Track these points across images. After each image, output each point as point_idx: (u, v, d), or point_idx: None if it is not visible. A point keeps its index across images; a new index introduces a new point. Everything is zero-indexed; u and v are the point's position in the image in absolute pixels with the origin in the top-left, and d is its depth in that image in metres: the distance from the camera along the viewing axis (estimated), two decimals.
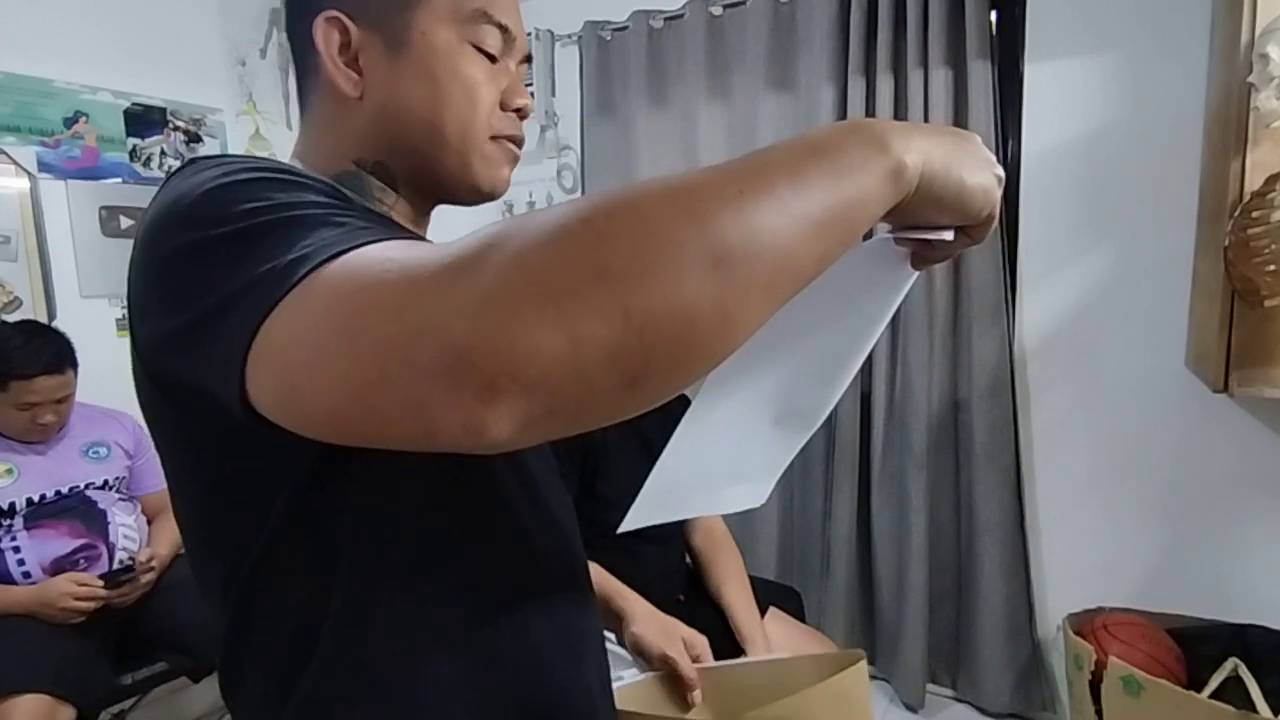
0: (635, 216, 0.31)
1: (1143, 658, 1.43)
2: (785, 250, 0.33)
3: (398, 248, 0.36)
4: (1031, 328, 1.85)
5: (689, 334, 0.32)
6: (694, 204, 0.32)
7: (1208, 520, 1.69)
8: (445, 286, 0.32)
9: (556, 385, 0.31)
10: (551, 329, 0.30)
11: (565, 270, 0.30)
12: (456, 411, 0.31)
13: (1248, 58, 1.25)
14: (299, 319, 0.35)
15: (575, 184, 2.44)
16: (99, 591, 1.56)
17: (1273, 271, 1.22)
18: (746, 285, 0.32)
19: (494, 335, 0.30)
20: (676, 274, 0.31)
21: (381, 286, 0.33)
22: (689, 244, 0.31)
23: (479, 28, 0.56)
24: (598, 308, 0.30)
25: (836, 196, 0.35)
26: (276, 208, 0.40)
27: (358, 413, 0.34)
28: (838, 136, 0.37)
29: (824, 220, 0.35)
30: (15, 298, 1.89)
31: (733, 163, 0.35)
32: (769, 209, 0.33)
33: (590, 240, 0.31)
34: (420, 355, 0.31)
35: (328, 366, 0.34)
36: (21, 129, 1.90)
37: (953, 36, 1.78)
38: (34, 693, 1.38)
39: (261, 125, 2.40)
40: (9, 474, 1.59)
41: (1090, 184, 1.75)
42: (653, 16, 2.16)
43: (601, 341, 0.30)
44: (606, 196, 0.32)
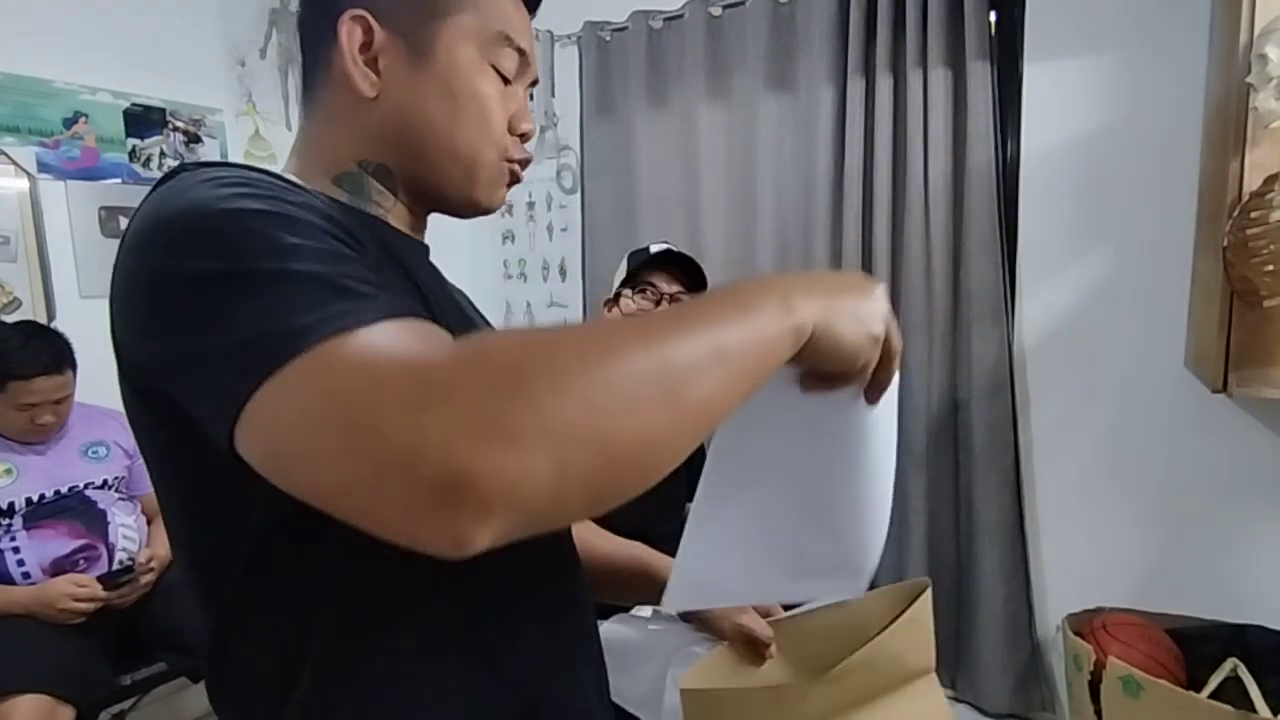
0: (620, 366, 0.36)
1: (1142, 658, 1.43)
2: (717, 388, 0.40)
3: (399, 336, 0.38)
4: (1031, 328, 1.85)
5: (650, 458, 0.38)
6: (659, 352, 0.38)
7: (1207, 520, 1.69)
8: (451, 403, 0.33)
9: (539, 506, 0.34)
10: (545, 459, 0.33)
11: (563, 406, 0.34)
12: (448, 526, 0.33)
13: (1246, 58, 1.25)
14: (296, 398, 0.36)
15: (575, 184, 2.44)
16: (99, 592, 1.56)
17: (1271, 272, 1.22)
18: (691, 414, 0.38)
19: (496, 462, 0.33)
20: (648, 415, 0.36)
21: (384, 389, 0.35)
22: (654, 387, 0.37)
23: (500, 49, 0.58)
24: (586, 442, 0.34)
25: (755, 354, 0.42)
26: (280, 253, 0.40)
27: (344, 503, 0.36)
28: (757, 297, 0.44)
29: (742, 368, 0.41)
30: (15, 298, 1.89)
31: (669, 314, 0.42)
32: (705, 359, 0.39)
33: (584, 380, 0.35)
34: (422, 470, 0.33)
35: (322, 458, 0.36)
36: (21, 129, 1.90)
37: (952, 37, 1.78)
38: (34, 693, 1.38)
39: (261, 126, 2.40)
40: (8, 474, 1.59)
41: (1089, 184, 1.75)
42: (652, 17, 2.16)
43: (582, 470, 0.35)
44: (594, 341, 0.37)
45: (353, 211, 0.57)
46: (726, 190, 2.15)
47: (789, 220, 2.06)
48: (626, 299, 1.49)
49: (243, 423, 0.37)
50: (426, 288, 0.57)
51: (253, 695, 0.52)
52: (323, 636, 0.50)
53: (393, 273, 0.52)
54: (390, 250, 0.55)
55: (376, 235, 0.53)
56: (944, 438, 1.91)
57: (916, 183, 1.85)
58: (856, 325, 0.48)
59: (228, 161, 0.52)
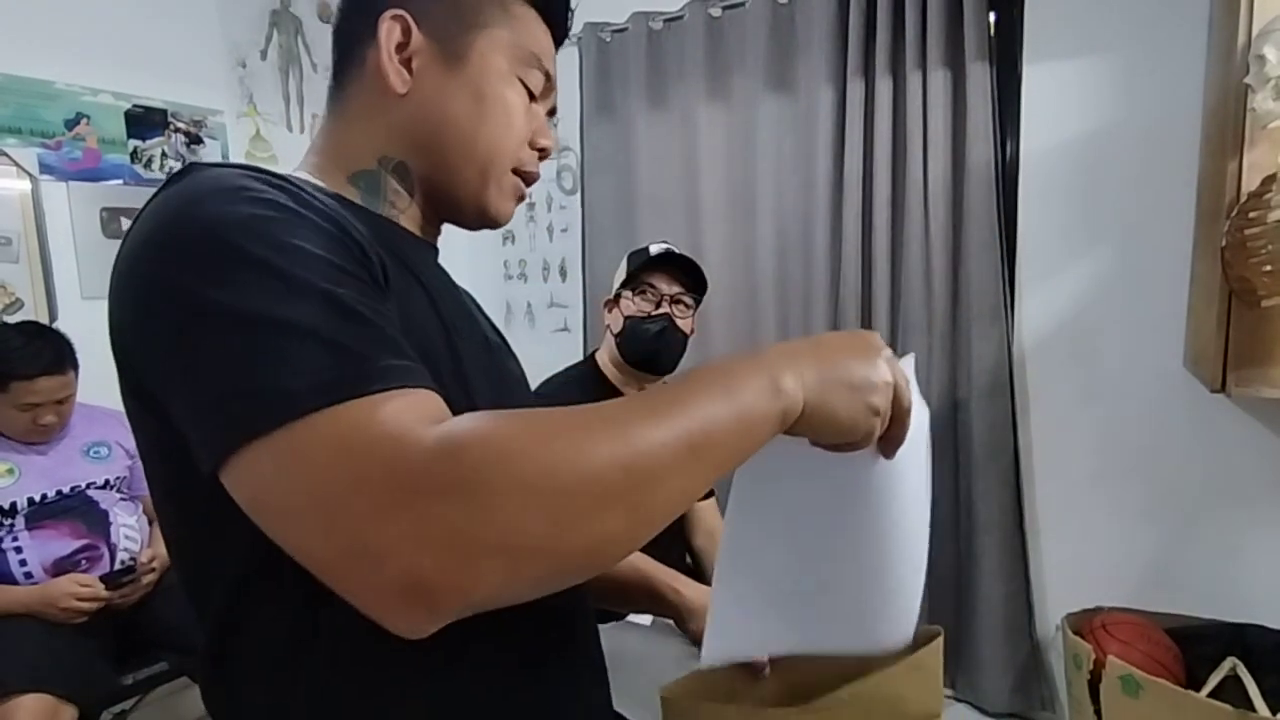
0: (586, 475, 0.37)
1: (1141, 657, 1.43)
2: (686, 485, 0.41)
3: (385, 417, 0.39)
4: (1030, 328, 1.85)
5: (603, 556, 0.40)
6: (630, 455, 0.38)
7: (1206, 520, 1.69)
8: (419, 511, 0.36)
9: (488, 602, 0.38)
10: (500, 569, 0.36)
11: (524, 521, 0.36)
12: (406, 617, 0.37)
13: (1244, 59, 1.26)
14: (278, 467, 0.38)
15: (575, 185, 2.44)
16: (101, 592, 1.57)
17: (1270, 272, 1.22)
18: (653, 515, 0.40)
19: (453, 574, 0.36)
20: (605, 525, 0.38)
21: (362, 486, 0.37)
22: (624, 500, 0.38)
23: (529, 68, 0.61)
24: (540, 552, 0.37)
25: (735, 441, 0.42)
26: (282, 294, 0.40)
27: (316, 569, 0.39)
28: (743, 377, 0.43)
29: (719, 457, 0.42)
30: (16, 299, 1.89)
31: (649, 404, 0.41)
32: (679, 456, 0.40)
33: (549, 494, 0.37)
34: (387, 571, 0.36)
35: (299, 532, 0.39)
36: (23, 131, 1.90)
37: (951, 38, 1.78)
38: (36, 692, 1.38)
39: (262, 127, 2.41)
40: (10, 474, 1.60)
41: (1089, 185, 1.75)
42: (652, 18, 2.17)
43: (534, 576, 0.38)
44: (566, 445, 0.38)
45: (364, 213, 0.57)
46: (726, 191, 2.16)
47: (788, 221, 2.06)
48: (627, 300, 1.49)
49: (228, 470, 0.40)
50: (435, 292, 0.57)
51: (250, 701, 0.52)
52: (319, 645, 0.49)
53: (400, 279, 0.52)
54: (399, 254, 0.55)
55: (386, 239, 0.54)
56: (944, 438, 1.91)
57: (916, 183, 1.86)
58: (852, 398, 0.47)
59: (240, 164, 0.51)
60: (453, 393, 0.50)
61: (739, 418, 0.42)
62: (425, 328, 0.53)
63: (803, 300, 2.05)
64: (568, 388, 1.50)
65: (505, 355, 0.68)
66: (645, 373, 1.53)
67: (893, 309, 1.95)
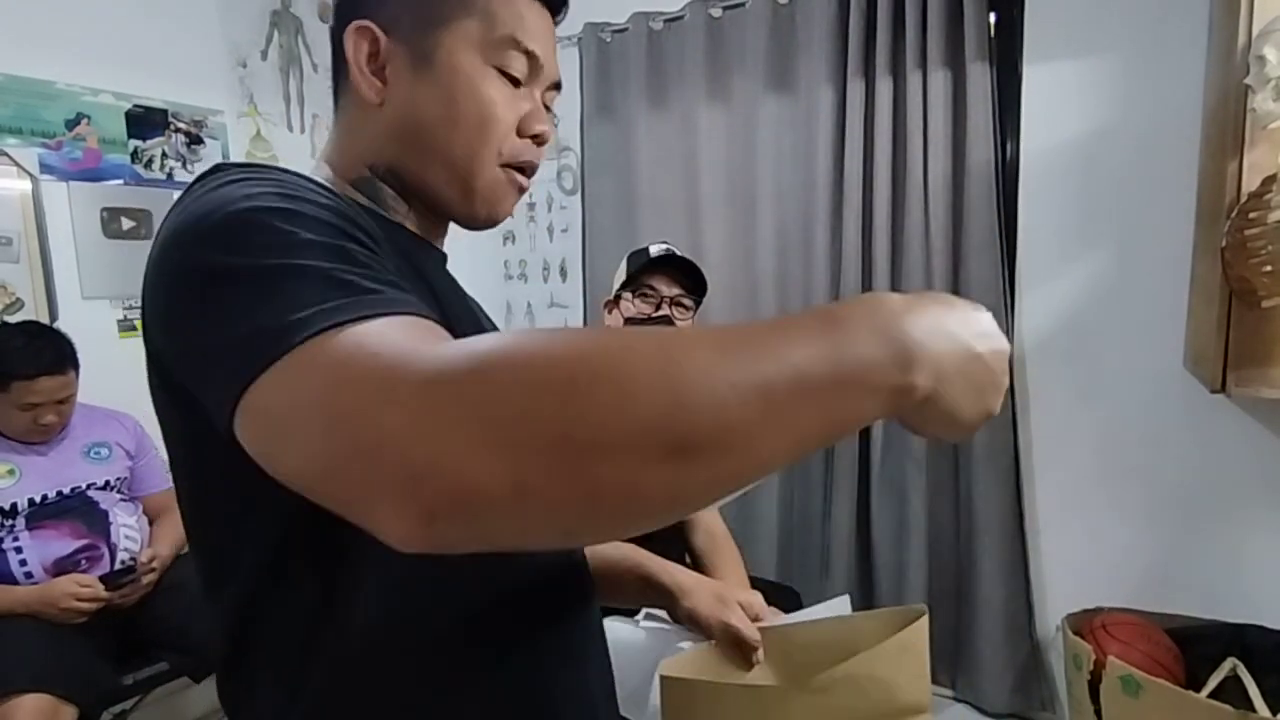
0: (617, 387, 0.31)
1: (1141, 657, 1.43)
2: (759, 459, 0.33)
3: (392, 332, 0.37)
4: (1030, 328, 1.85)
5: (634, 509, 0.32)
6: (679, 388, 0.31)
7: (1206, 520, 1.69)
8: (417, 404, 0.33)
9: (491, 522, 0.32)
10: (501, 475, 0.30)
11: (532, 423, 0.31)
12: (399, 520, 0.32)
13: (1245, 60, 1.26)
14: (284, 389, 0.37)
15: (575, 185, 2.44)
16: (101, 592, 1.57)
17: (1270, 272, 1.22)
18: (708, 476, 0.32)
19: (448, 466, 0.31)
20: (639, 460, 0.31)
21: (365, 383, 0.35)
22: (658, 431, 0.31)
23: (506, 53, 0.57)
24: (551, 466, 0.31)
25: (815, 402, 0.34)
26: (288, 248, 0.41)
27: (318, 488, 0.37)
28: (854, 330, 0.35)
29: (805, 437, 0.34)
30: (17, 299, 1.89)
31: (740, 363, 0.33)
32: (757, 424, 0.32)
33: (566, 399, 0.31)
34: (385, 461, 0.32)
35: (303, 444, 0.36)
36: (23, 131, 1.90)
37: (951, 38, 1.78)
38: (36, 692, 1.38)
39: (262, 127, 2.41)
40: (11, 474, 1.60)
41: (1089, 185, 1.75)
42: (652, 18, 2.17)
43: (546, 496, 0.31)
44: (599, 349, 0.33)
45: (373, 216, 0.57)
46: (726, 191, 2.16)
47: (789, 221, 2.06)
48: (627, 302, 1.49)
49: (240, 411, 0.39)
50: (443, 296, 0.58)
51: (266, 691, 0.52)
52: (337, 634, 0.50)
53: (409, 279, 0.53)
54: (407, 256, 0.55)
55: (395, 241, 0.54)
56: None
57: (916, 183, 1.86)
58: (979, 399, 0.40)
59: (265, 164, 0.53)
60: None
61: (841, 378, 0.34)
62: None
63: (803, 300, 2.05)
64: None
65: None
66: None
67: None
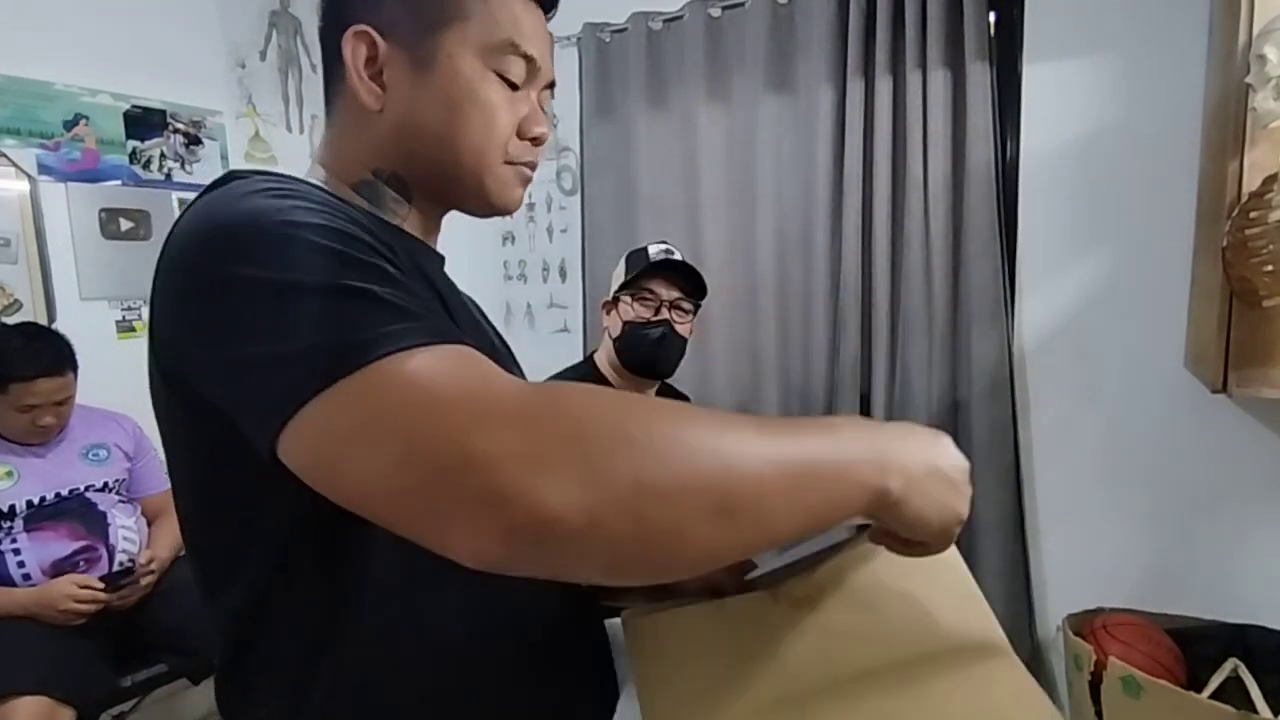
0: (684, 447, 0.37)
1: (1142, 658, 1.43)
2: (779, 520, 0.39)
3: (455, 361, 0.39)
4: (1031, 329, 1.85)
5: (684, 553, 0.38)
6: (729, 458, 0.38)
7: (1207, 520, 1.69)
8: (509, 431, 0.36)
9: (562, 549, 0.36)
10: (581, 506, 0.35)
11: (612, 464, 0.36)
12: (476, 537, 0.35)
13: (1245, 59, 1.25)
14: (353, 410, 0.37)
15: (575, 185, 2.44)
16: (100, 594, 1.56)
17: (1270, 272, 1.22)
18: (739, 536, 0.38)
19: (536, 492, 0.34)
20: (690, 512, 0.36)
21: (446, 407, 0.36)
22: (709, 490, 0.37)
23: (505, 57, 0.58)
24: (624, 510, 0.35)
25: (832, 491, 0.41)
26: (337, 267, 0.41)
27: (388, 509, 0.38)
28: (847, 435, 0.43)
29: (809, 517, 0.40)
30: (15, 300, 1.89)
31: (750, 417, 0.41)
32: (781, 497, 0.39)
33: (644, 451, 0.36)
34: (470, 482, 0.35)
35: (374, 465, 0.37)
36: (21, 131, 1.90)
37: (951, 38, 1.78)
38: (34, 694, 1.38)
39: (261, 127, 2.40)
40: (9, 476, 1.59)
41: (1089, 185, 1.75)
42: (652, 18, 2.17)
43: (613, 534, 0.36)
44: (664, 413, 0.38)
45: (376, 220, 0.58)
46: (726, 191, 2.15)
47: (788, 221, 2.06)
48: (626, 305, 1.49)
49: (291, 429, 0.39)
50: (450, 302, 0.58)
51: (267, 696, 0.52)
52: (341, 639, 0.50)
53: (420, 285, 0.53)
54: (412, 259, 0.56)
55: (400, 245, 0.54)
56: None
57: (916, 183, 1.85)
58: (944, 511, 0.47)
59: (274, 172, 0.53)
60: None
61: (841, 470, 0.41)
62: None
63: (803, 300, 2.05)
64: None
65: (510, 363, 0.69)
66: (644, 377, 1.52)
67: (893, 309, 1.94)
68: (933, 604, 0.56)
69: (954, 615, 0.56)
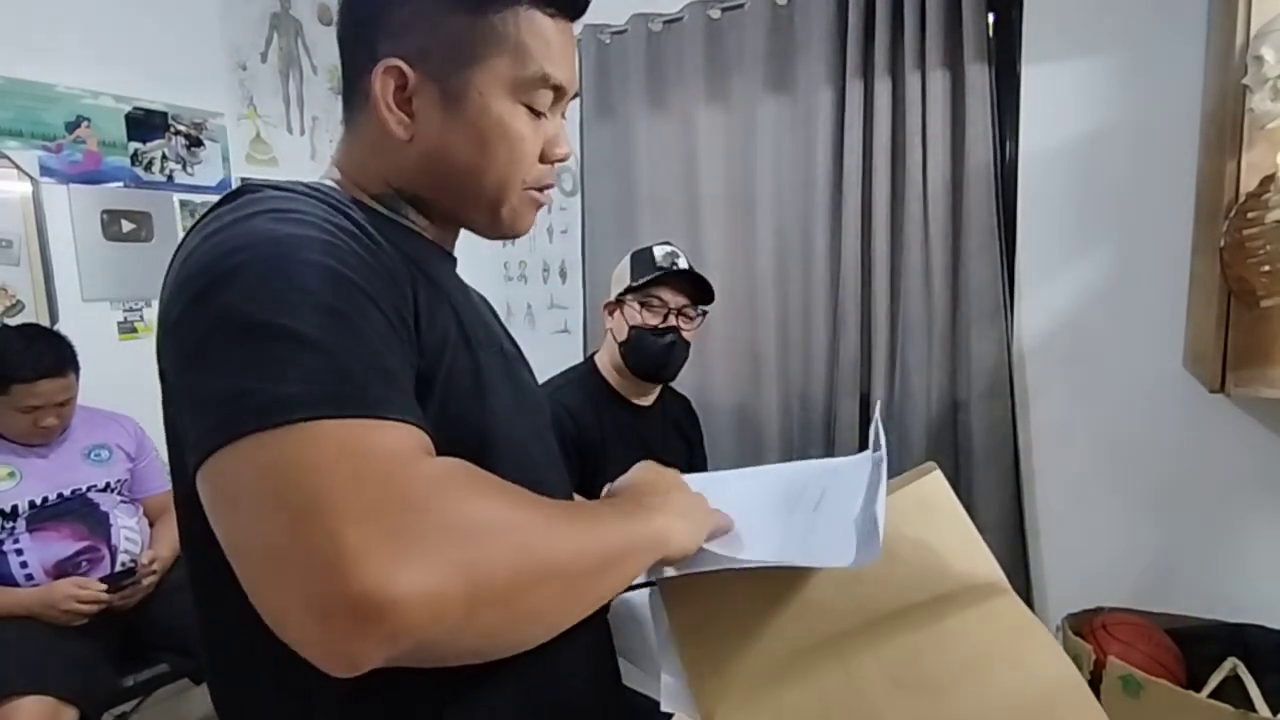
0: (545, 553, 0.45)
1: (1142, 657, 1.43)
2: (601, 596, 0.51)
3: (388, 440, 0.40)
4: (1030, 329, 1.85)
5: (530, 631, 0.46)
6: (572, 555, 0.47)
7: (1206, 520, 1.69)
8: (410, 527, 0.38)
9: (429, 644, 0.38)
10: (462, 606, 0.38)
11: (496, 565, 0.41)
12: (350, 641, 0.36)
13: (1243, 60, 1.26)
14: (273, 459, 0.38)
15: (575, 186, 2.45)
16: (101, 594, 1.57)
17: (1268, 272, 1.22)
18: (569, 612, 0.48)
19: (424, 598, 0.36)
20: (548, 597, 0.45)
21: (360, 486, 0.37)
22: (560, 579, 0.45)
23: (536, 91, 0.58)
24: (498, 600, 0.41)
25: (637, 568, 0.54)
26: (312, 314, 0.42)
27: (256, 568, 0.39)
28: (637, 539, 0.54)
29: (617, 576, 0.52)
30: (17, 301, 1.89)
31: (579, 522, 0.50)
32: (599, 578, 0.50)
33: (521, 554, 0.43)
34: (360, 576, 0.35)
35: (268, 519, 0.37)
36: (24, 133, 1.90)
37: (950, 39, 1.79)
38: (37, 694, 1.38)
39: (262, 129, 2.41)
40: (11, 477, 1.60)
41: (1087, 185, 1.75)
42: (651, 20, 2.17)
43: (485, 624, 0.41)
44: (537, 524, 0.45)
45: (391, 225, 0.58)
46: (726, 192, 2.16)
47: (788, 222, 2.07)
48: (633, 310, 1.49)
49: (208, 465, 0.40)
50: (458, 305, 0.59)
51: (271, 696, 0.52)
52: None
53: (429, 294, 0.54)
54: (426, 270, 0.56)
55: (413, 253, 0.55)
56: (943, 438, 1.91)
57: (915, 184, 1.86)
58: (695, 532, 0.61)
59: (290, 184, 0.53)
60: (471, 403, 0.54)
61: (632, 551, 0.53)
62: (449, 341, 0.55)
63: (803, 300, 2.05)
64: (567, 390, 1.50)
65: (520, 365, 0.70)
66: (647, 381, 1.53)
67: (893, 309, 1.95)
68: (943, 550, 0.62)
69: (961, 559, 0.62)
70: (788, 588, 0.59)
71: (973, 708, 0.54)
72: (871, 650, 0.56)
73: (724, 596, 0.60)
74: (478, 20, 0.55)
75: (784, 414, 2.09)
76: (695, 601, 0.62)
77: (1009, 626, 0.58)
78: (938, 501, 0.65)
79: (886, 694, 0.54)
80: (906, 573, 0.60)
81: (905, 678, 0.55)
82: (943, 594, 0.60)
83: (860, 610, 0.59)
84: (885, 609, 0.59)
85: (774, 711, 0.55)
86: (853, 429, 2.01)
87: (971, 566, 0.62)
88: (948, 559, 0.61)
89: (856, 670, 0.56)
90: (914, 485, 0.65)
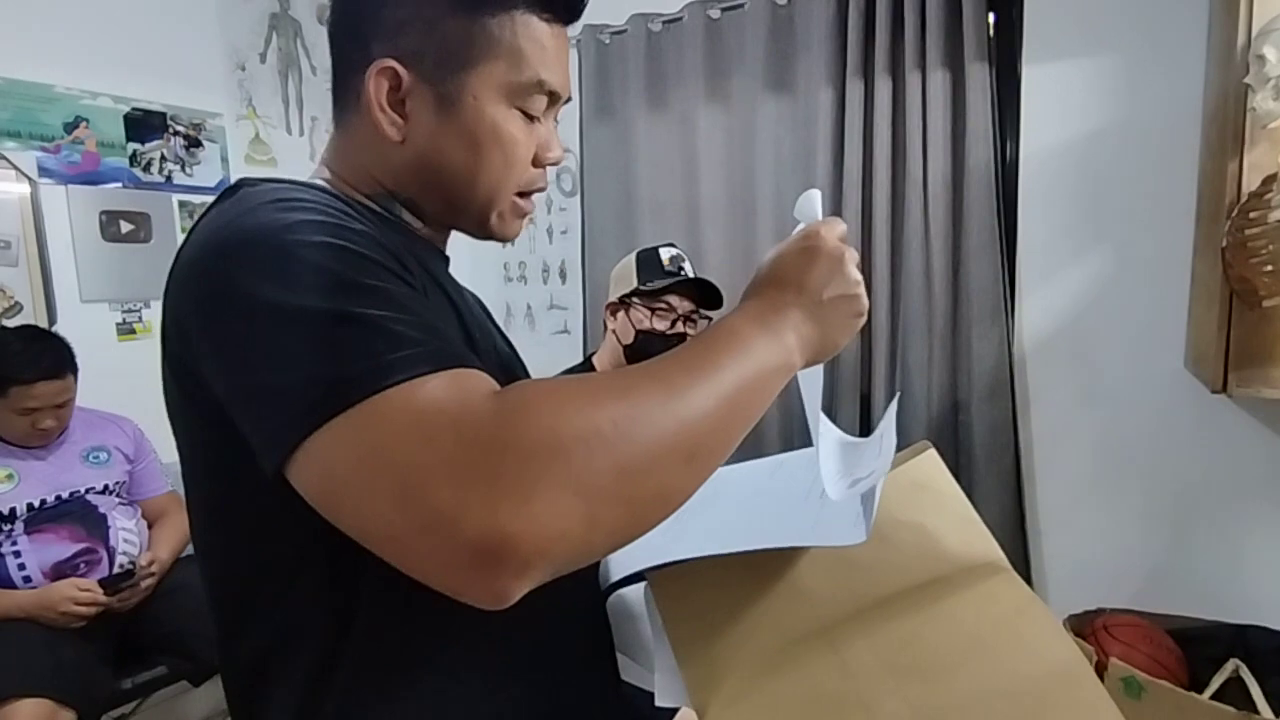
0: (648, 424, 0.40)
1: (1144, 659, 1.42)
2: (730, 442, 0.46)
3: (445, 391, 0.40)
4: (1031, 329, 1.85)
5: (669, 507, 0.42)
6: (679, 411, 0.42)
7: (1207, 521, 1.69)
8: (493, 466, 0.36)
9: (571, 558, 0.38)
10: (578, 518, 0.37)
11: (596, 470, 0.37)
12: (490, 584, 0.37)
13: (1244, 59, 1.25)
14: (346, 450, 0.38)
15: (574, 186, 2.44)
16: (100, 596, 1.56)
17: (1270, 272, 1.22)
18: (705, 463, 0.44)
19: (534, 524, 0.36)
20: (669, 472, 0.41)
21: (430, 450, 0.37)
22: (681, 448, 0.41)
23: (530, 97, 0.58)
24: (615, 499, 0.38)
25: (752, 400, 0.47)
26: (340, 292, 0.42)
27: (390, 551, 0.39)
28: (752, 341, 0.49)
29: (748, 411, 0.47)
30: (15, 303, 1.89)
31: (682, 366, 0.45)
32: (718, 410, 0.44)
33: (613, 443, 0.39)
34: (466, 532, 0.36)
35: (372, 510, 0.38)
36: (22, 134, 1.90)
37: (950, 38, 1.78)
38: (35, 696, 1.38)
39: (261, 129, 2.41)
40: (9, 479, 1.60)
41: (1089, 185, 1.75)
42: (651, 20, 2.17)
43: (610, 523, 0.39)
44: (620, 398, 0.41)
45: (388, 222, 0.59)
46: (726, 192, 2.15)
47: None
48: (639, 313, 1.48)
49: (295, 461, 0.40)
50: (456, 303, 0.59)
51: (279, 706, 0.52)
52: (352, 652, 0.50)
53: (431, 288, 0.54)
54: (424, 265, 0.56)
55: (411, 249, 0.55)
56: (944, 439, 1.91)
57: (916, 184, 1.85)
58: (844, 324, 0.55)
59: (283, 180, 0.54)
60: None
61: (761, 380, 0.47)
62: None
63: None
64: None
65: (516, 365, 0.70)
66: None
67: (893, 309, 1.94)
68: (939, 532, 0.61)
69: (958, 540, 0.61)
70: (780, 578, 0.59)
71: (972, 691, 0.52)
72: (866, 637, 0.55)
73: (716, 589, 0.60)
74: (473, 23, 0.54)
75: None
76: (687, 594, 0.61)
77: (1008, 607, 0.56)
78: (932, 481, 0.65)
79: (883, 681, 0.53)
80: (901, 556, 0.59)
81: (901, 663, 0.54)
82: (939, 576, 0.58)
83: (854, 597, 0.58)
84: (880, 594, 0.58)
85: (768, 702, 0.55)
86: (853, 429, 2.00)
87: (968, 547, 0.60)
88: (943, 540, 0.60)
89: (851, 658, 0.55)
90: (907, 465, 0.64)
